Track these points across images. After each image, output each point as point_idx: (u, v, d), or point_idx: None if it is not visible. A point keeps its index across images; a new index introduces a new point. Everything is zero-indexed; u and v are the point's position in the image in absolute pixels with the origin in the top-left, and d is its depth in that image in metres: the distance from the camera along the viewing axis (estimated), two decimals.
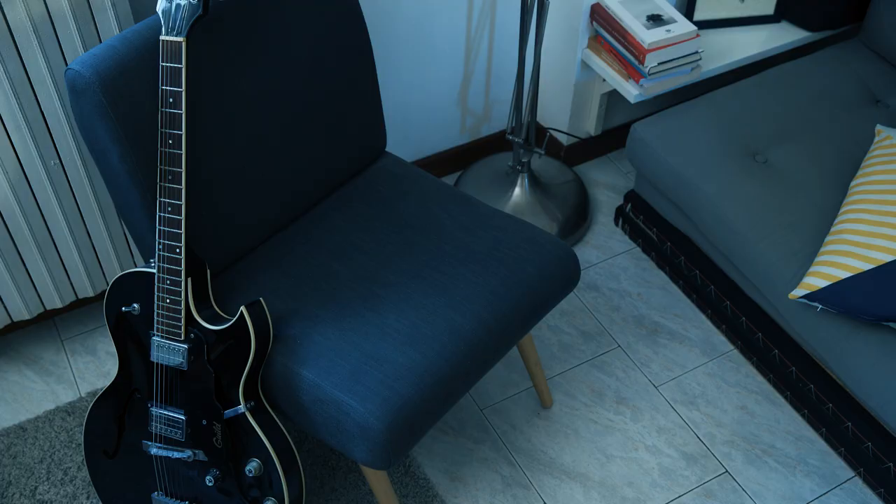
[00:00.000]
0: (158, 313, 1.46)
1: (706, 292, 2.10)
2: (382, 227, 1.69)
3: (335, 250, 1.66)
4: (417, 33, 2.13)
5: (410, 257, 1.64)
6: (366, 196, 1.76)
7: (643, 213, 2.23)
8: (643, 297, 2.19)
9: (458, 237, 1.67)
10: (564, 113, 2.38)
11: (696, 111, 2.07)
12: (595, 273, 2.25)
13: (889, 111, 2.07)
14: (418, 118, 2.31)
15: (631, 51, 2.08)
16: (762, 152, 1.98)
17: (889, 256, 1.66)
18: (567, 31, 2.24)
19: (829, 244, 1.73)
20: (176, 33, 1.36)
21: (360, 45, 1.69)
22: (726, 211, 1.89)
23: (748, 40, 2.28)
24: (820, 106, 2.07)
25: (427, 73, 2.22)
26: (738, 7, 2.29)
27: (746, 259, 1.86)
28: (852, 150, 1.97)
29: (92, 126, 1.40)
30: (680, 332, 2.12)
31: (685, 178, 1.97)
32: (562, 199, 2.32)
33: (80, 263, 1.90)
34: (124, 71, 1.38)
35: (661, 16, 2.09)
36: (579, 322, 2.14)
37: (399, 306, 1.55)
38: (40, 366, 2.02)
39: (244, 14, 1.52)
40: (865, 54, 2.20)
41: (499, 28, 2.25)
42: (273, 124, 1.59)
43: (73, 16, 1.56)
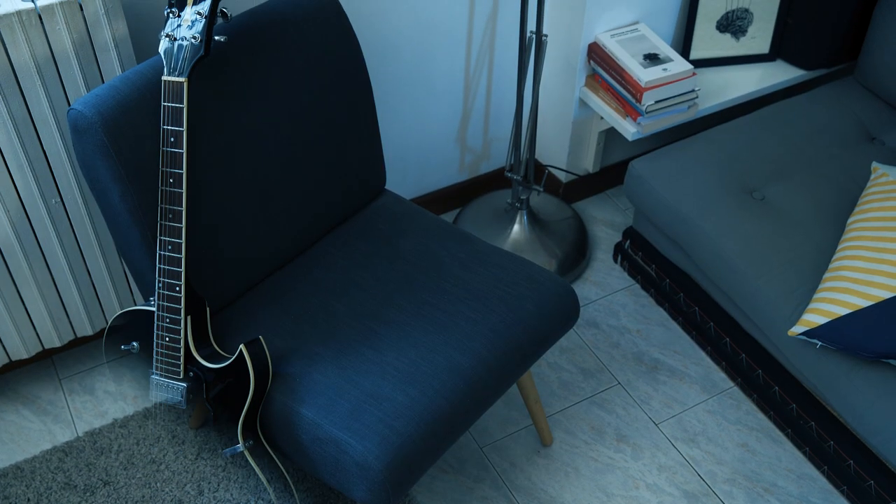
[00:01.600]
0: (158, 352, 1.46)
1: (706, 329, 2.10)
2: (382, 265, 1.69)
3: (335, 288, 1.66)
4: (417, 72, 2.15)
5: (410, 295, 1.64)
6: (365, 234, 1.76)
7: (642, 250, 2.24)
8: (643, 333, 2.19)
9: (457, 275, 1.67)
10: (563, 150, 2.40)
11: (694, 149, 2.08)
12: (594, 310, 2.25)
13: (885, 148, 2.08)
14: (418, 156, 2.32)
15: (628, 89, 2.10)
16: (759, 189, 1.99)
17: (888, 293, 1.66)
18: (565, 69, 2.26)
19: (828, 281, 1.73)
20: (178, 73, 1.37)
21: (360, 84, 1.71)
22: (725, 248, 1.89)
23: (744, 79, 2.30)
24: (816, 143, 2.09)
25: (426, 112, 2.24)
26: (733, 46, 2.31)
27: (745, 296, 1.86)
28: (849, 186, 1.98)
29: (93, 165, 1.41)
30: (680, 368, 2.11)
31: (683, 215, 1.97)
32: (561, 236, 2.33)
33: (79, 302, 1.90)
34: (126, 111, 1.39)
35: (658, 55, 2.11)
36: (579, 359, 2.13)
37: (398, 344, 1.55)
38: (38, 405, 2.01)
39: (245, 54, 1.54)
40: (860, 92, 2.22)
41: (497, 67, 2.27)
42: (273, 163, 1.60)
43: (76, 56, 1.58)
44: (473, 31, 2.17)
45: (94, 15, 1.55)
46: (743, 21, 2.28)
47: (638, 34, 2.17)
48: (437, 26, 2.10)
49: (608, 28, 2.18)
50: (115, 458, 1.90)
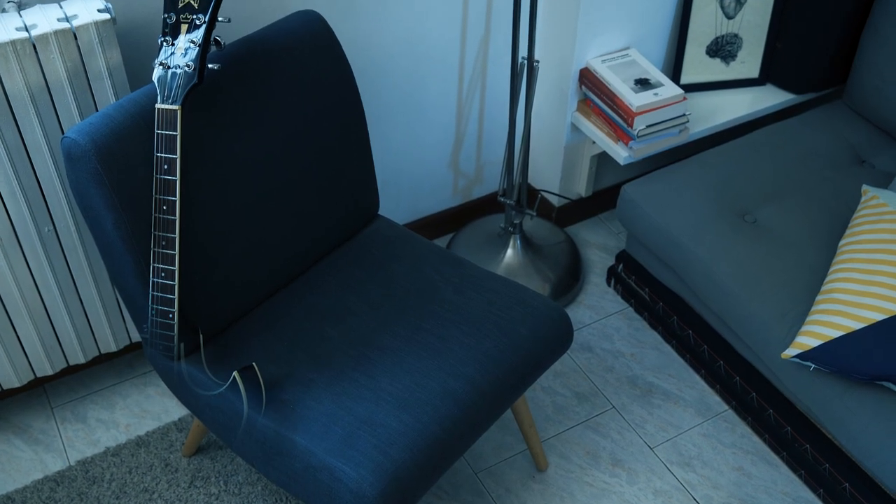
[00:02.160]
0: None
1: (699, 352, 2.10)
2: (375, 291, 1.70)
3: (328, 314, 1.66)
4: (410, 97, 2.16)
5: (404, 320, 1.64)
6: (359, 259, 1.76)
7: (635, 273, 2.24)
8: (637, 357, 2.19)
9: (451, 299, 1.67)
10: (555, 175, 2.41)
11: (685, 172, 2.09)
12: (588, 333, 2.25)
13: (875, 171, 2.10)
14: (410, 181, 2.33)
15: (620, 114, 2.11)
16: (751, 212, 2.00)
17: (880, 315, 1.66)
18: (556, 94, 2.28)
19: (820, 303, 1.74)
20: (171, 101, 1.38)
21: (352, 110, 1.72)
22: (717, 271, 1.90)
23: (734, 103, 2.32)
24: (807, 166, 2.10)
25: (419, 137, 2.25)
26: (723, 70, 2.33)
27: (738, 319, 1.87)
28: (840, 209, 1.99)
29: (87, 193, 1.41)
30: (674, 392, 2.11)
31: (675, 239, 1.98)
32: (554, 260, 2.33)
33: (71, 330, 1.89)
34: (120, 138, 1.40)
35: (649, 80, 2.13)
36: (573, 383, 2.13)
37: (392, 370, 1.55)
38: (29, 434, 2.00)
39: (239, 82, 1.55)
40: (849, 116, 2.24)
41: (489, 92, 2.29)
42: (266, 189, 1.61)
43: (70, 84, 1.58)
44: (466, 57, 2.18)
45: (88, 44, 1.56)
46: (732, 46, 2.30)
47: (629, 59, 2.19)
48: (429, 52, 2.12)
49: (599, 53, 2.20)
50: (108, 487, 1.88)
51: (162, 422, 2.02)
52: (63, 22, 1.54)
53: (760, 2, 2.24)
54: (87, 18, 1.55)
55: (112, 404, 2.06)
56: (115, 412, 2.04)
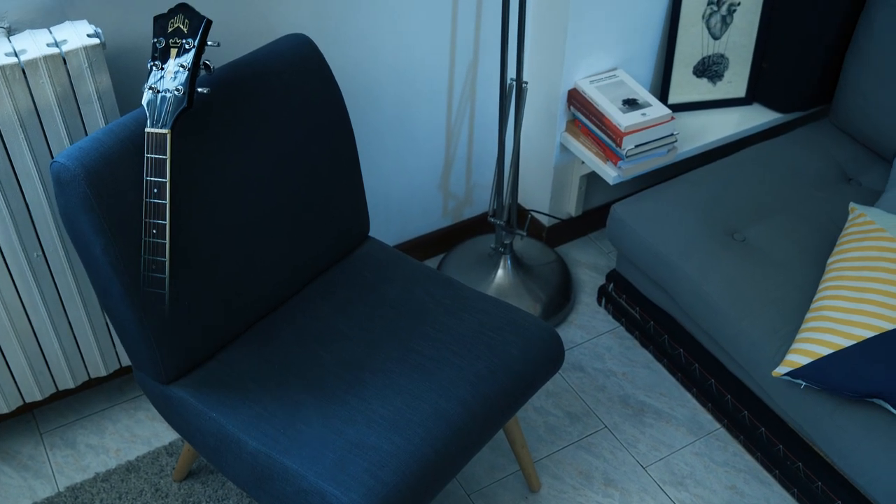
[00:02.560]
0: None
1: (691, 371, 2.10)
2: (366, 313, 1.69)
3: (319, 336, 1.65)
4: (399, 119, 2.17)
5: (395, 342, 1.63)
6: (349, 281, 1.76)
7: (625, 293, 2.25)
8: (628, 376, 2.19)
9: (441, 321, 1.67)
10: (545, 195, 2.41)
11: (674, 191, 2.10)
12: (580, 353, 2.25)
13: (861, 189, 2.11)
14: (401, 202, 2.33)
15: (608, 134, 2.13)
16: (740, 231, 2.01)
17: (869, 332, 1.67)
18: (545, 115, 2.29)
19: (810, 321, 1.74)
20: (161, 125, 1.38)
21: (342, 133, 1.73)
22: (707, 289, 1.90)
23: (722, 122, 2.34)
24: (794, 185, 2.11)
25: (409, 158, 2.26)
26: (710, 90, 2.35)
27: (729, 337, 1.87)
28: (828, 227, 2.00)
29: (76, 218, 1.41)
30: (666, 411, 2.11)
31: (665, 258, 1.99)
32: (545, 280, 2.34)
33: (60, 355, 1.88)
34: (109, 163, 1.40)
35: (637, 100, 2.15)
36: (565, 403, 2.13)
37: (383, 392, 1.54)
38: (18, 461, 1.98)
39: (228, 105, 1.55)
40: (836, 134, 2.25)
41: (478, 113, 2.30)
42: (256, 212, 1.61)
43: (59, 109, 1.59)
44: (454, 80, 2.19)
45: (77, 68, 1.56)
46: (719, 66, 2.32)
47: (617, 80, 2.21)
48: (418, 75, 2.13)
49: (587, 74, 2.22)
50: None
51: (152, 446, 2.01)
52: (53, 47, 1.55)
53: (746, 22, 2.27)
54: (77, 43, 1.56)
55: (102, 429, 2.04)
56: (105, 437, 2.03)
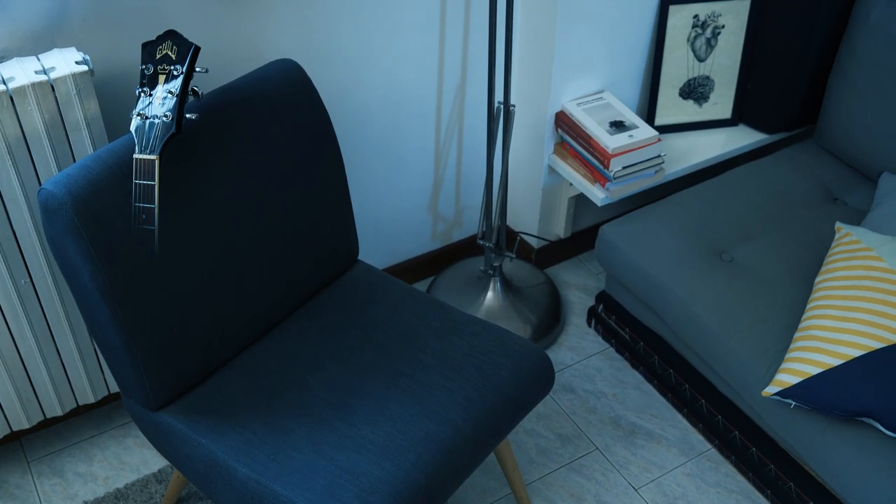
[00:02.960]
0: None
1: (681, 391, 2.10)
2: (356, 337, 1.69)
3: (308, 361, 1.65)
4: (388, 142, 2.18)
5: (384, 366, 1.63)
6: (338, 305, 1.76)
7: (615, 314, 2.25)
8: (619, 397, 2.19)
9: (431, 344, 1.67)
10: (534, 217, 2.42)
11: (662, 212, 2.11)
12: (570, 375, 2.24)
13: (847, 208, 2.13)
14: (390, 225, 2.34)
15: (596, 156, 2.14)
16: (728, 251, 2.02)
17: (858, 351, 1.68)
18: (533, 137, 2.30)
19: (799, 340, 1.75)
20: (149, 151, 1.38)
21: (330, 157, 1.73)
22: (696, 310, 1.91)
23: (708, 143, 2.35)
24: (781, 205, 2.13)
25: (398, 181, 2.27)
26: (696, 112, 2.37)
27: (718, 357, 1.87)
28: (815, 246, 2.01)
29: (63, 245, 1.40)
30: (657, 432, 2.11)
31: (654, 279, 1.99)
32: (534, 302, 2.34)
33: (48, 382, 1.87)
34: (97, 190, 1.40)
35: (624, 122, 2.16)
36: (556, 425, 2.12)
37: (373, 417, 1.54)
38: (5, 490, 1.96)
39: (216, 131, 1.56)
40: (821, 154, 2.27)
41: (467, 136, 2.31)
42: (245, 236, 1.61)
43: (47, 136, 1.59)
44: (443, 102, 2.21)
45: (65, 95, 1.57)
46: (704, 88, 2.34)
47: (603, 102, 2.22)
48: (406, 99, 2.14)
49: (574, 97, 2.23)
50: None
51: (141, 473, 1.99)
52: (41, 74, 1.55)
53: (730, 45, 2.29)
54: (65, 70, 1.56)
55: (90, 457, 2.03)
56: (94, 465, 2.01)
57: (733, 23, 2.26)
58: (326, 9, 1.90)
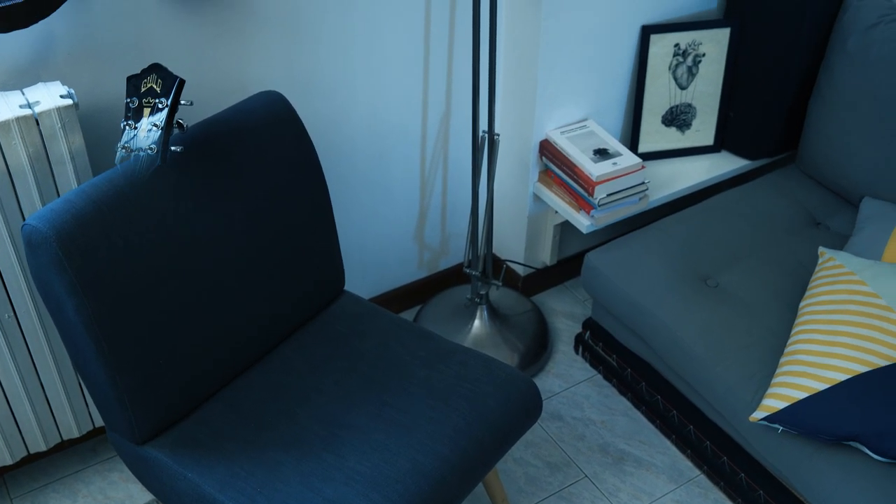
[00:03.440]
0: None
1: (669, 417, 2.10)
2: (343, 368, 1.69)
3: (295, 393, 1.64)
4: (373, 172, 2.19)
5: (371, 397, 1.63)
6: (325, 336, 1.76)
7: (602, 340, 2.25)
8: (607, 424, 2.19)
9: (418, 374, 1.67)
10: (520, 244, 2.43)
11: (647, 239, 2.13)
12: (558, 402, 2.24)
13: (830, 233, 2.15)
14: (376, 255, 2.34)
15: (580, 184, 2.15)
16: (713, 277, 2.03)
17: (843, 375, 1.68)
18: (518, 166, 2.31)
19: (785, 365, 1.75)
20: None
21: (316, 188, 1.73)
22: (682, 336, 1.91)
23: (692, 170, 2.37)
24: (764, 230, 2.14)
25: (384, 211, 2.27)
26: (679, 139, 2.39)
27: (705, 383, 1.88)
28: (798, 271, 2.03)
29: (48, 279, 1.40)
30: (646, 458, 2.10)
31: (640, 305, 2.00)
32: (521, 330, 2.34)
33: (32, 417, 1.85)
34: (81, 224, 1.39)
35: (607, 149, 2.18)
36: (545, 453, 2.12)
37: (361, 448, 1.53)
38: None
39: (201, 162, 1.56)
40: (802, 179, 2.29)
41: (452, 165, 2.32)
42: (231, 269, 1.60)
43: (31, 170, 1.58)
44: (427, 132, 2.22)
45: (50, 129, 1.57)
46: (686, 115, 2.36)
47: (587, 130, 2.24)
48: (391, 130, 2.15)
49: (558, 125, 2.25)
50: None
51: None
52: (25, 108, 1.55)
53: (711, 72, 2.32)
54: (50, 104, 1.56)
55: (74, 492, 2.00)
56: (78, 500, 1.99)
57: (714, 51, 2.29)
58: (310, 40, 1.92)
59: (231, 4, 1.78)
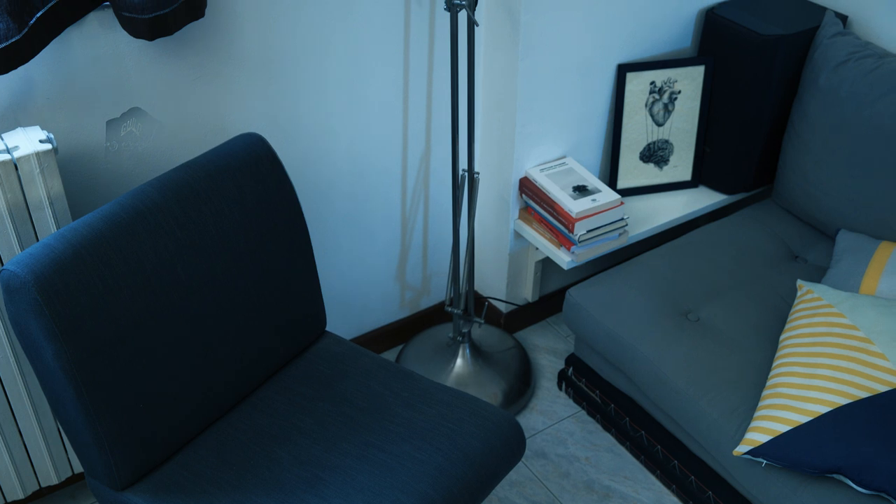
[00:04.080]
0: None
1: (653, 452, 2.10)
2: (325, 409, 1.68)
3: (278, 435, 1.63)
4: (354, 213, 2.19)
5: (354, 438, 1.62)
6: (307, 378, 1.75)
7: (585, 376, 2.26)
8: (591, 461, 2.18)
9: (401, 414, 1.66)
10: (501, 281, 2.44)
11: (628, 274, 2.14)
12: (542, 440, 2.23)
13: (807, 265, 2.17)
14: (357, 295, 2.34)
15: (560, 220, 2.16)
16: (694, 311, 2.04)
17: (824, 408, 1.69)
18: (498, 204, 2.33)
19: (767, 398, 1.76)
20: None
21: (296, 229, 1.74)
22: (664, 370, 1.92)
23: (670, 205, 2.39)
24: (743, 263, 2.16)
25: (364, 251, 2.27)
26: (657, 174, 2.42)
27: (688, 417, 1.88)
28: (778, 304, 2.04)
29: (26, 325, 1.39)
30: (631, 494, 2.10)
31: (622, 340, 2.01)
32: (504, 367, 2.34)
33: (10, 465, 1.82)
34: (60, 269, 1.39)
35: (587, 186, 2.20)
36: (529, 492, 2.10)
37: (344, 490, 1.52)
38: None
39: (181, 204, 1.56)
40: (779, 213, 2.32)
41: (433, 204, 2.33)
42: (211, 311, 1.60)
43: (10, 215, 1.58)
44: (408, 172, 2.23)
45: (29, 174, 1.57)
46: (664, 151, 2.39)
47: (566, 167, 2.26)
48: (372, 168, 2.16)
49: (537, 163, 2.27)
50: None
51: None
52: (4, 153, 1.55)
53: (687, 109, 2.35)
54: (29, 149, 1.56)
55: None
56: None
57: (689, 88, 2.33)
58: (289, 82, 1.93)
59: (209, 48, 1.79)
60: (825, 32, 2.17)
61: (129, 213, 1.50)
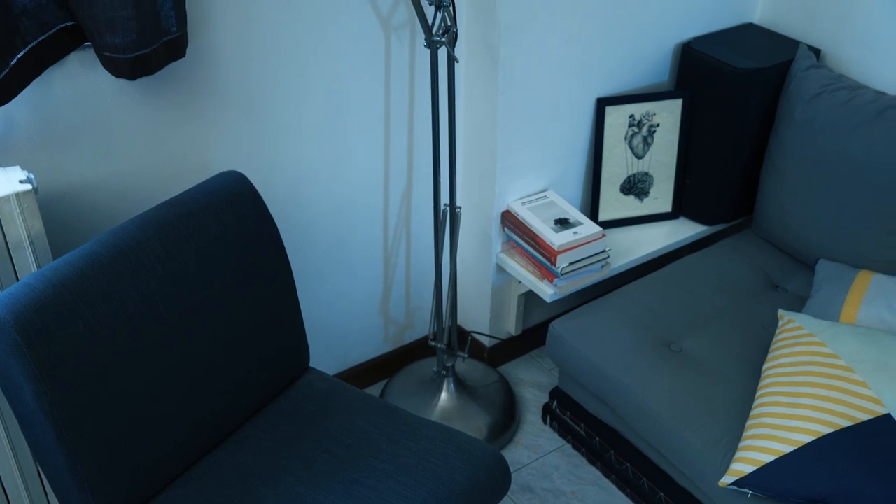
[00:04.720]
0: None
1: (639, 485, 2.09)
2: (309, 446, 1.66)
3: (262, 474, 1.61)
4: (336, 248, 2.19)
5: (339, 475, 1.60)
6: (291, 415, 1.74)
7: (570, 409, 2.25)
8: (577, 495, 2.17)
9: (386, 450, 1.65)
10: (484, 315, 2.44)
11: (610, 306, 2.15)
12: (528, 474, 2.22)
13: (788, 295, 2.18)
14: (341, 331, 2.33)
15: (543, 253, 2.17)
16: (677, 342, 2.05)
17: (808, 437, 1.70)
18: (480, 237, 2.34)
19: (751, 428, 1.76)
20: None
21: (278, 265, 1.74)
22: (648, 402, 1.92)
23: (651, 237, 2.41)
24: (724, 294, 2.18)
25: (347, 286, 2.27)
26: (638, 206, 2.44)
27: (673, 449, 1.88)
28: (760, 334, 2.05)
29: (6, 365, 1.38)
30: None
31: (605, 372, 2.01)
32: (489, 401, 2.33)
33: None
34: (40, 309, 1.38)
35: (568, 219, 2.21)
36: None
37: None
38: None
39: (163, 242, 1.56)
40: (759, 243, 2.34)
41: (415, 239, 2.34)
42: (193, 348, 1.59)
43: None
44: (389, 207, 2.24)
45: (8, 215, 1.56)
46: (644, 184, 2.41)
47: (547, 201, 2.28)
48: (353, 204, 2.16)
49: (519, 196, 2.28)
50: None
51: None
52: None
53: (666, 142, 2.38)
54: (9, 189, 1.55)
55: None
56: None
57: (668, 120, 2.35)
58: (270, 120, 1.94)
59: (190, 88, 1.80)
60: (799, 65, 2.21)
61: (110, 251, 1.49)
